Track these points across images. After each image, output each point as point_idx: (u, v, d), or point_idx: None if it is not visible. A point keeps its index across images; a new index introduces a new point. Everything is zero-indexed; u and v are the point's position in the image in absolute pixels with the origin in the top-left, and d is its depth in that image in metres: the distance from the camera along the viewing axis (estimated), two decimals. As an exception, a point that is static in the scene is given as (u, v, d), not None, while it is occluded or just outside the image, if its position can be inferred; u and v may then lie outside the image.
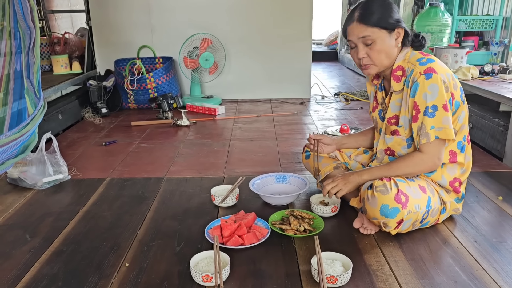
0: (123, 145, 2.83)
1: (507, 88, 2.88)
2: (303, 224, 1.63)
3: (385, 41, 1.52)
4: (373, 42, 1.52)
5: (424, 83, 1.48)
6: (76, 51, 4.06)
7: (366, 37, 1.52)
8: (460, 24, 4.17)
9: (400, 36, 1.55)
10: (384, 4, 1.54)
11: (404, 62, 1.58)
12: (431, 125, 1.49)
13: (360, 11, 1.54)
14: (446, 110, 1.48)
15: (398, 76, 1.59)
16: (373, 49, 1.54)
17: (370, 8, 1.52)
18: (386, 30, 1.52)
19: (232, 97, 4.22)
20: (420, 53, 1.58)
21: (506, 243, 1.57)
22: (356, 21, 1.53)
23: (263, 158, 2.56)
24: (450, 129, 1.49)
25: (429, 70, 1.49)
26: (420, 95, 1.49)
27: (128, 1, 3.97)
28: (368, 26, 1.51)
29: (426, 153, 1.53)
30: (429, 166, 1.55)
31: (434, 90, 1.47)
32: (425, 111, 1.49)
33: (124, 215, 1.84)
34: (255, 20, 4.06)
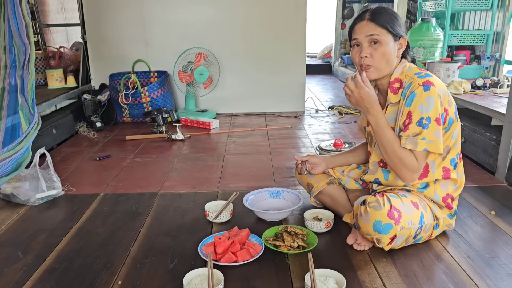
0: (117, 159, 2.83)
1: (499, 102, 2.91)
2: (296, 241, 1.63)
3: (389, 45, 1.54)
4: (379, 42, 1.54)
5: (422, 94, 1.49)
6: (71, 65, 4.07)
7: (374, 35, 1.53)
8: (452, 39, 4.23)
9: (402, 47, 1.58)
10: (393, 14, 1.59)
11: (402, 75, 1.60)
12: (422, 136, 1.50)
13: (372, 12, 1.57)
14: (439, 124, 1.50)
15: (395, 88, 1.61)
16: (377, 49, 1.54)
17: (381, 11, 1.57)
18: (392, 36, 1.55)
19: (226, 111, 4.24)
20: (418, 68, 1.61)
21: (499, 258, 1.58)
22: (367, 20, 1.56)
23: (257, 172, 2.56)
24: (440, 143, 1.50)
25: (428, 82, 1.50)
26: (416, 105, 1.50)
27: (123, 16, 4.00)
28: (378, 25, 1.53)
29: (418, 162, 1.53)
30: (409, 174, 1.54)
31: (430, 102, 1.49)
32: (419, 122, 1.50)
33: (118, 231, 1.83)
34: (249, 34, 4.10)
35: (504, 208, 2.01)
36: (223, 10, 4.04)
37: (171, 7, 4.01)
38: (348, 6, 7.19)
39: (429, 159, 1.60)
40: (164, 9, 4.01)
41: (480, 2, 4.09)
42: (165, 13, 4.02)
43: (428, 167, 1.61)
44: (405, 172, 1.54)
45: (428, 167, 1.61)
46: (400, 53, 1.59)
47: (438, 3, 4.33)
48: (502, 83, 3.30)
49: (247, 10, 4.05)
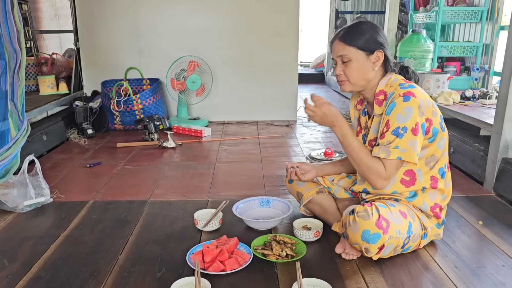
0: (107, 167, 2.82)
1: (487, 113, 2.95)
2: (285, 249, 1.63)
3: (360, 62, 1.59)
4: (349, 60, 1.60)
5: (401, 104, 1.52)
6: (63, 71, 4.07)
7: (343, 55, 1.60)
8: (442, 50, 4.28)
9: (379, 60, 1.60)
10: (370, 27, 1.61)
11: (386, 87, 1.62)
12: (396, 145, 1.52)
13: (345, 30, 1.62)
14: (415, 134, 1.51)
15: (380, 100, 1.63)
16: (348, 67, 1.61)
17: (354, 29, 1.61)
18: (364, 52, 1.59)
19: (219, 119, 4.24)
20: (402, 79, 1.63)
21: (485, 268, 1.59)
22: (338, 39, 1.62)
23: (248, 181, 2.56)
24: (414, 152, 1.52)
25: (408, 93, 1.53)
26: (394, 114, 1.53)
27: (117, 23, 4.01)
28: (346, 45, 1.59)
29: (386, 170, 1.55)
30: (378, 181, 1.57)
31: (408, 112, 1.51)
32: (395, 131, 1.52)
33: (106, 239, 1.82)
34: (242, 43, 4.12)
35: (492, 218, 2.02)
36: (216, 18, 4.07)
37: (164, 15, 4.03)
38: (341, 17, 7.26)
39: (416, 168, 1.62)
40: (158, 17, 4.03)
41: (470, 15, 4.15)
42: (159, 21, 4.03)
43: (415, 175, 1.63)
44: (374, 179, 1.58)
45: (415, 175, 1.63)
46: (378, 65, 1.61)
47: (428, 15, 4.39)
48: (491, 95, 3.34)
49: (240, 19, 4.08)
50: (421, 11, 4.65)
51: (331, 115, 1.60)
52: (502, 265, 1.61)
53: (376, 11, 7.53)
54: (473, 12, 4.14)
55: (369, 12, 7.55)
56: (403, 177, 1.63)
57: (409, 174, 1.63)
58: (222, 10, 4.05)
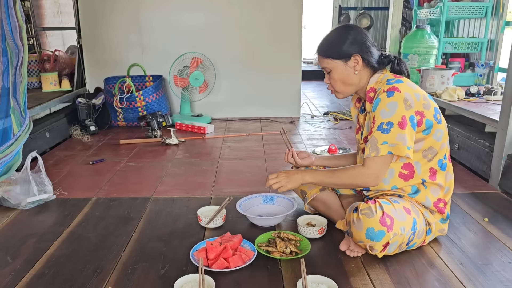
0: (110, 164, 2.81)
1: (492, 109, 2.92)
2: (289, 246, 1.62)
3: (339, 70, 1.62)
4: (330, 71, 1.64)
5: (384, 100, 1.51)
6: (66, 68, 4.06)
7: (324, 68, 1.65)
8: (447, 46, 4.25)
9: (359, 63, 1.60)
10: (342, 33, 1.63)
11: (377, 84, 1.62)
12: (383, 141, 1.50)
13: (320, 42, 1.68)
14: (402, 128, 1.49)
15: (371, 97, 1.63)
16: (331, 77, 1.66)
17: (327, 39, 1.66)
18: (340, 60, 1.61)
19: (222, 116, 4.23)
20: (393, 75, 1.63)
21: (491, 265, 1.58)
22: (317, 52, 1.68)
23: (251, 178, 2.55)
24: (404, 146, 1.49)
25: (393, 88, 1.52)
26: (378, 110, 1.53)
27: (119, 20, 4.00)
28: (323, 57, 1.65)
29: (367, 168, 1.54)
30: (365, 181, 1.56)
31: (392, 107, 1.50)
32: (379, 127, 1.51)
33: (109, 236, 1.81)
34: (245, 39, 4.10)
35: (498, 215, 2.01)
36: (219, 15, 4.05)
37: (167, 12, 4.01)
38: (344, 13, 7.23)
39: (414, 161, 1.60)
40: (160, 14, 4.01)
41: (474, 10, 4.12)
42: (161, 18, 4.02)
43: (413, 168, 1.61)
44: (360, 182, 1.59)
45: (413, 168, 1.61)
46: (358, 69, 1.61)
47: (433, 10, 4.36)
48: (496, 91, 3.31)
49: (243, 16, 4.06)
50: (425, 6, 4.61)
51: (293, 176, 1.67)
52: (509, 262, 1.60)
53: (380, 7, 7.49)
54: (478, 8, 4.10)
55: (373, 8, 7.50)
56: (401, 171, 1.62)
57: (407, 168, 1.61)
58: (225, 6, 4.03)
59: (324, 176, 1.65)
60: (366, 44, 1.61)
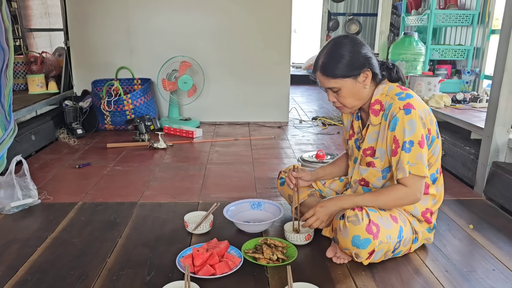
0: (97, 167, 2.78)
1: (478, 116, 2.96)
2: (276, 253, 1.61)
3: (350, 87, 1.55)
4: (338, 90, 1.56)
5: (403, 118, 1.50)
6: (53, 70, 4.02)
7: (331, 88, 1.57)
8: (434, 53, 4.31)
9: (368, 78, 1.56)
10: (347, 48, 1.53)
11: (382, 96, 1.59)
12: (407, 160, 1.50)
13: (323, 60, 1.55)
14: (421, 147, 1.50)
15: (376, 110, 1.61)
16: (340, 95, 1.58)
17: (332, 57, 1.53)
18: (350, 78, 1.54)
19: (210, 120, 4.22)
20: (399, 87, 1.60)
21: (476, 273, 1.59)
22: (319, 71, 1.57)
23: (239, 183, 2.55)
24: (423, 165, 1.50)
25: (408, 105, 1.51)
26: (400, 129, 1.50)
27: (108, 22, 3.97)
28: (331, 78, 1.55)
29: (410, 187, 1.52)
30: (412, 200, 1.55)
31: (412, 125, 1.49)
32: (403, 146, 1.51)
33: (94, 242, 1.79)
34: (235, 43, 4.10)
35: (482, 222, 2.03)
36: (208, 19, 4.04)
37: (156, 15, 4.00)
38: (333, 19, 7.29)
39: None
40: (150, 17, 3.99)
41: (461, 18, 4.18)
42: (151, 21, 4.00)
43: None
44: (407, 201, 1.56)
45: None
46: (368, 83, 1.57)
47: (420, 18, 4.41)
48: (481, 98, 3.36)
49: (232, 20, 4.06)
50: (413, 14, 4.67)
51: (328, 204, 1.60)
52: (493, 269, 1.62)
53: (368, 13, 7.57)
54: (465, 16, 4.17)
55: (361, 14, 7.57)
56: None
57: None
58: (214, 10, 4.03)
59: (367, 201, 1.56)
60: (370, 56, 1.56)
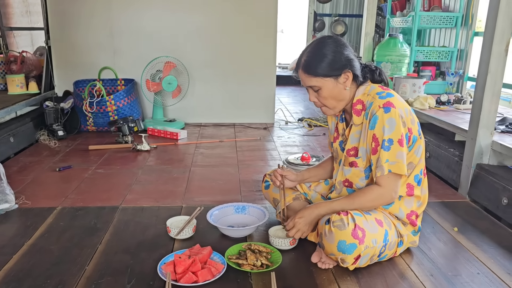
0: (78, 170, 2.72)
1: (462, 118, 2.98)
2: (260, 259, 1.58)
3: (330, 87, 1.56)
4: (319, 89, 1.57)
5: (383, 116, 1.49)
6: (34, 70, 3.93)
7: (312, 86, 1.57)
8: (418, 55, 4.33)
9: (349, 79, 1.56)
10: (329, 48, 1.53)
11: (364, 96, 1.59)
12: (386, 159, 1.50)
13: (306, 58, 1.56)
14: (401, 145, 1.50)
15: (358, 110, 1.60)
16: (320, 95, 1.58)
17: (315, 56, 1.54)
18: (331, 78, 1.54)
19: (195, 121, 4.17)
20: (380, 87, 1.60)
21: (461, 276, 1.59)
22: (301, 69, 1.58)
23: (224, 185, 2.51)
24: (403, 164, 1.50)
25: (388, 104, 1.50)
26: (379, 127, 1.51)
27: (90, 21, 3.89)
28: (312, 76, 1.55)
29: (384, 187, 1.53)
30: (387, 200, 1.56)
31: (391, 124, 1.49)
32: (382, 144, 1.51)
33: (73, 248, 1.74)
34: (220, 44, 4.06)
35: (467, 225, 2.03)
36: (193, 19, 3.99)
37: (140, 15, 3.93)
38: (319, 19, 7.29)
39: None
40: (134, 17, 3.93)
41: (445, 20, 4.21)
42: (134, 21, 3.93)
43: None
44: (383, 201, 1.57)
45: None
46: (348, 84, 1.57)
47: (405, 19, 4.43)
48: (465, 100, 3.38)
49: (217, 20, 4.02)
50: (398, 15, 4.69)
51: (306, 213, 1.62)
52: (477, 273, 1.61)
53: (354, 14, 7.59)
54: (448, 18, 4.20)
55: (347, 15, 7.59)
56: None
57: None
58: (199, 10, 3.98)
59: (343, 205, 1.56)
60: (352, 58, 1.56)
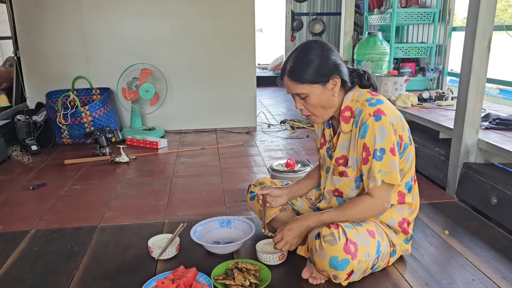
0: (53, 188, 2.59)
1: (445, 115, 2.96)
2: (248, 278, 1.50)
3: (318, 94, 1.48)
4: (306, 96, 1.49)
5: (373, 125, 1.43)
6: (3, 82, 3.76)
7: (298, 93, 1.50)
8: (398, 52, 4.31)
9: (337, 85, 1.49)
10: (316, 54, 1.47)
11: (352, 103, 1.52)
12: (378, 169, 1.44)
13: (291, 64, 1.49)
14: (394, 154, 1.44)
15: (346, 117, 1.54)
16: (308, 103, 1.51)
17: (301, 62, 1.47)
18: (318, 84, 1.47)
19: (175, 128, 4.06)
20: (369, 92, 1.54)
21: (456, 284, 1.54)
22: (287, 76, 1.50)
23: (207, 197, 2.42)
24: (396, 173, 1.45)
25: (379, 112, 1.44)
26: (370, 137, 1.44)
27: (61, 29, 3.74)
28: (298, 83, 1.48)
29: (376, 198, 1.47)
30: (379, 210, 1.50)
31: (383, 132, 1.43)
32: (374, 154, 1.44)
33: (48, 277, 1.63)
34: (197, 48, 3.96)
35: (457, 226, 1.99)
36: (168, 23, 3.89)
37: (114, 21, 3.81)
38: (297, 19, 7.24)
39: None
40: (106, 23, 3.80)
41: (423, 16, 4.20)
42: (107, 27, 3.80)
43: None
44: (374, 212, 1.51)
45: None
46: (337, 90, 1.50)
47: (383, 17, 4.41)
48: (447, 96, 3.37)
49: (193, 23, 3.92)
50: (376, 12, 4.66)
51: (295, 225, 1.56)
52: (472, 279, 1.56)
53: (331, 12, 7.57)
54: (426, 14, 4.19)
55: (325, 14, 7.57)
56: None
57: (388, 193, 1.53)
58: (174, 13, 3.88)
59: (333, 217, 1.51)
60: (340, 63, 1.49)
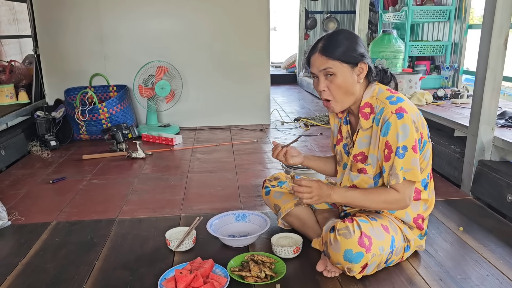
0: (72, 182, 2.65)
1: (460, 113, 2.95)
2: (264, 270, 1.53)
3: (345, 75, 1.47)
4: (333, 74, 1.47)
5: (396, 123, 1.43)
6: (23, 80, 3.85)
7: (327, 69, 1.47)
8: (413, 50, 4.29)
9: (363, 72, 1.50)
10: (349, 37, 1.49)
11: (372, 99, 1.53)
12: (400, 166, 1.44)
13: (324, 43, 1.49)
14: (415, 152, 1.44)
15: (366, 114, 1.54)
16: (333, 82, 1.48)
17: (334, 40, 1.48)
18: (348, 65, 1.47)
19: (190, 125, 4.11)
20: (388, 90, 1.54)
21: (470, 279, 1.55)
22: (319, 53, 1.49)
23: (222, 192, 2.46)
24: (417, 171, 1.45)
25: (400, 109, 1.44)
26: (393, 134, 1.44)
27: (79, 28, 3.82)
28: (329, 58, 1.46)
29: (402, 194, 1.48)
30: (401, 206, 1.51)
31: (405, 130, 1.43)
32: (396, 152, 1.45)
33: (70, 266, 1.68)
34: (212, 46, 4.00)
35: (472, 223, 1.99)
36: (184, 22, 3.93)
37: (130, 19, 3.87)
38: (311, 17, 7.24)
39: None
40: (123, 22, 3.86)
41: (438, 14, 4.17)
42: (124, 26, 3.87)
43: None
44: (397, 207, 1.52)
45: None
46: (362, 78, 1.50)
47: (398, 14, 4.39)
48: (462, 94, 3.35)
49: (209, 22, 3.96)
50: (391, 10, 4.65)
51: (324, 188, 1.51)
52: (487, 275, 1.57)
53: (345, 10, 7.55)
54: (441, 11, 4.16)
55: (339, 12, 7.55)
56: None
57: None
58: (190, 12, 3.92)
59: (355, 197, 1.51)
60: (367, 55, 1.51)
